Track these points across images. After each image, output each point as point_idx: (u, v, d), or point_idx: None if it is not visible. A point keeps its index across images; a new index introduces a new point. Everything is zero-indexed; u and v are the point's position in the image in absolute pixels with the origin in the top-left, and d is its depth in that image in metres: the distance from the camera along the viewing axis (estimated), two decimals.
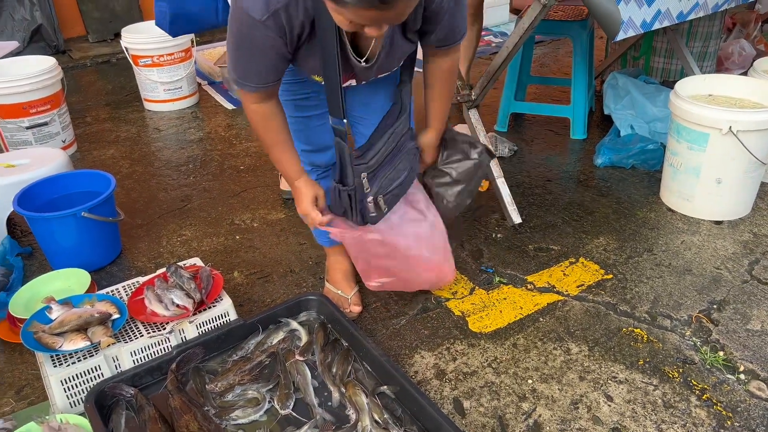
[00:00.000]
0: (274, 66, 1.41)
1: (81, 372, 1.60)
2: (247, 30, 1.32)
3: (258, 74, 1.42)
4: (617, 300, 1.98)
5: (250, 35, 1.33)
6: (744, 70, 3.36)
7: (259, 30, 1.30)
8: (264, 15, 1.28)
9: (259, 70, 1.41)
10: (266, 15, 1.28)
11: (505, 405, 1.63)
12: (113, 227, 2.27)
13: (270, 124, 1.55)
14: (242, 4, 1.29)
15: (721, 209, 2.35)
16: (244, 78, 1.43)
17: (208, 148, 3.17)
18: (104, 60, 4.62)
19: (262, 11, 1.27)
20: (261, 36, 1.32)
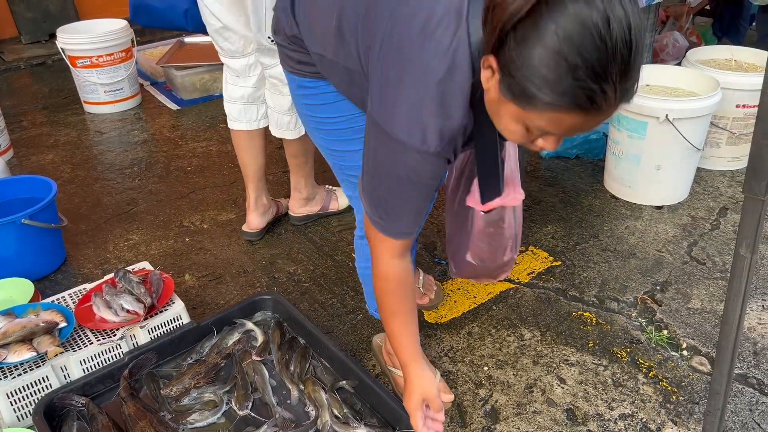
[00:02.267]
0: (429, 201, 1.18)
1: (28, 384, 1.55)
2: (414, 165, 1.07)
3: (417, 214, 1.17)
4: (566, 286, 2.03)
5: (417, 171, 1.08)
6: (678, 60, 3.50)
7: (430, 163, 1.07)
8: (439, 146, 1.04)
9: (420, 209, 1.17)
10: (443, 144, 1.04)
11: (463, 393, 1.65)
12: (56, 234, 2.19)
13: (403, 288, 1.28)
14: (403, 137, 1.04)
15: (661, 195, 2.45)
16: (396, 222, 1.17)
17: (153, 150, 3.10)
18: (39, 62, 4.45)
19: (437, 141, 1.03)
20: (432, 169, 1.08)
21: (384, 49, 1.05)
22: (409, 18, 1.01)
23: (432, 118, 1.02)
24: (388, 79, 1.05)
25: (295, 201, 2.38)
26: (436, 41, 0.98)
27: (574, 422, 1.56)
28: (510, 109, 0.93)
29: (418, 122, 1.03)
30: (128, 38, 3.54)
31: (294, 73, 1.35)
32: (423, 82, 1.00)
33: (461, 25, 0.97)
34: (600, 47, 0.82)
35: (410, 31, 1.01)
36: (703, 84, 2.44)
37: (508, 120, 0.96)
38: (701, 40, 3.79)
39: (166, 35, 4.67)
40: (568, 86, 0.84)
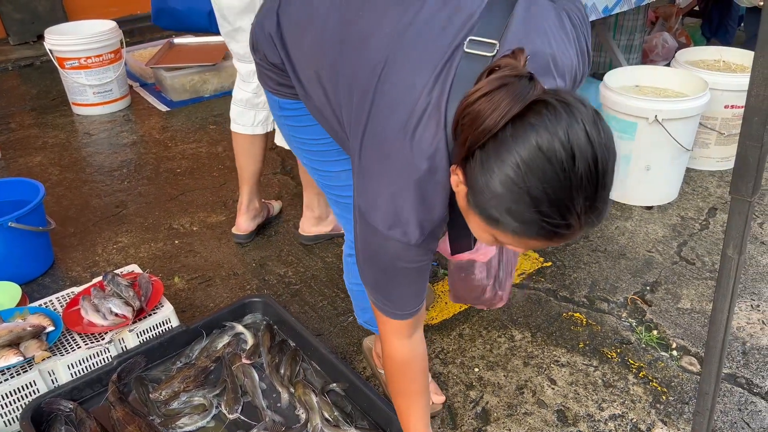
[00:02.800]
0: (424, 281, 1.16)
1: (15, 389, 1.53)
2: (396, 255, 1.07)
3: (417, 294, 1.16)
4: (557, 286, 2.04)
5: (402, 257, 1.07)
6: (667, 61, 3.52)
7: (412, 253, 1.06)
8: (420, 238, 1.04)
9: (418, 289, 1.16)
10: (423, 237, 1.04)
11: (454, 394, 1.65)
12: (44, 237, 2.18)
13: (412, 369, 1.25)
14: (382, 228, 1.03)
15: (651, 195, 2.45)
16: (396, 306, 1.16)
17: (142, 152, 3.08)
18: (27, 63, 4.41)
19: (418, 234, 1.03)
20: (417, 254, 1.07)
21: (365, 143, 1.04)
22: (389, 112, 1.00)
23: (413, 214, 1.01)
24: (369, 171, 1.04)
25: (306, 220, 2.27)
26: (417, 141, 0.97)
27: (565, 423, 1.56)
28: (477, 219, 0.92)
29: (398, 217, 1.02)
30: (117, 39, 3.51)
31: (274, 93, 1.31)
32: (404, 179, 1.00)
33: (440, 126, 0.95)
34: (564, 183, 0.81)
35: (391, 127, 1.00)
36: (692, 85, 2.45)
37: (475, 227, 0.96)
38: (690, 41, 3.82)
39: (156, 36, 4.66)
40: (530, 218, 0.84)
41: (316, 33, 1.12)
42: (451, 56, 0.97)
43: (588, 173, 0.81)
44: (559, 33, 1.04)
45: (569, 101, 0.83)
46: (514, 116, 0.82)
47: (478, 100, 0.84)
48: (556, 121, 0.81)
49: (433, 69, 0.97)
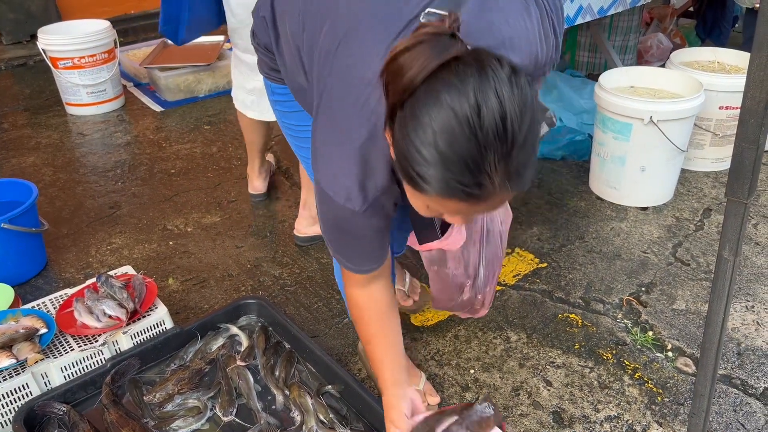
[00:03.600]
0: (380, 245, 1.19)
1: (7, 391, 1.52)
2: (345, 219, 1.11)
3: (369, 255, 1.19)
4: (552, 287, 2.03)
5: (349, 223, 1.11)
6: (662, 62, 3.52)
7: (359, 219, 1.09)
8: (363, 206, 1.06)
9: (370, 252, 1.19)
10: (367, 205, 1.07)
11: (449, 396, 1.65)
12: (37, 238, 2.16)
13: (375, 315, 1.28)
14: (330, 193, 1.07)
15: (646, 196, 2.46)
16: (352, 262, 1.21)
17: (136, 152, 3.06)
18: (20, 63, 4.39)
19: (361, 201, 1.06)
20: (363, 224, 1.11)
21: (320, 110, 1.06)
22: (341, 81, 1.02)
23: (355, 180, 1.03)
24: (322, 138, 1.07)
25: (302, 220, 2.26)
26: (362, 108, 0.99)
27: (561, 424, 1.56)
28: (405, 185, 0.92)
29: (342, 182, 1.05)
30: (111, 39, 3.50)
31: (267, 77, 1.37)
32: (348, 145, 1.02)
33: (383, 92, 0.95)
34: (471, 140, 0.80)
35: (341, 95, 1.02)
36: (687, 85, 2.45)
37: (409, 195, 0.96)
38: (685, 42, 3.82)
39: (150, 36, 4.63)
40: (443, 178, 0.83)
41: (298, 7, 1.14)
42: (407, 26, 0.98)
43: (495, 130, 0.80)
44: (521, 14, 1.04)
45: (483, 58, 0.82)
46: (430, 74, 0.82)
47: (399, 55, 0.84)
48: (466, 78, 0.80)
49: (388, 38, 0.98)
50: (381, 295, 1.27)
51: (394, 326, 1.32)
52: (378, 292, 1.26)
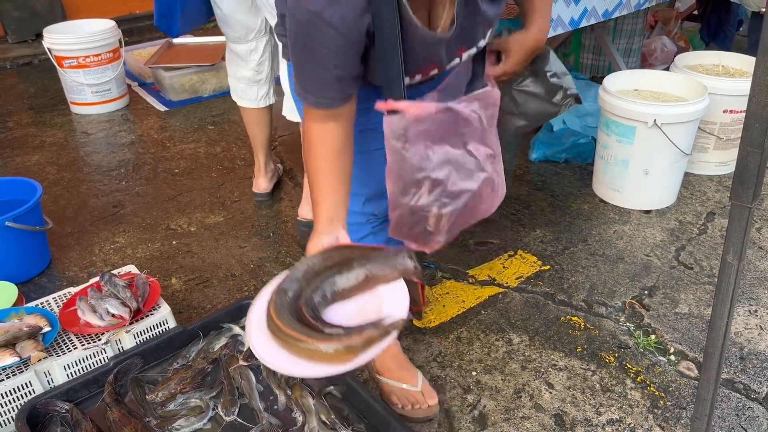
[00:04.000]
0: (340, 76, 1.15)
1: (10, 389, 1.52)
2: (305, 27, 1.08)
3: (322, 83, 1.16)
4: (555, 290, 2.03)
5: (308, 33, 1.08)
6: (666, 65, 3.52)
7: (317, 26, 1.06)
8: (322, 4, 1.04)
9: (323, 78, 1.15)
10: (325, 4, 1.04)
11: (451, 398, 1.65)
12: (41, 237, 2.17)
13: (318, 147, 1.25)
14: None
15: (649, 199, 2.45)
16: (306, 89, 1.18)
17: (140, 152, 3.07)
18: (25, 62, 4.40)
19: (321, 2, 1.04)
20: (321, 34, 1.07)
21: None
22: None
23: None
24: None
25: (307, 205, 2.28)
26: None
27: (562, 428, 1.56)
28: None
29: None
30: (116, 38, 3.51)
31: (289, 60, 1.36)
32: None
33: None
34: None
35: None
36: (691, 89, 2.45)
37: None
38: (689, 45, 3.82)
39: (155, 36, 4.64)
40: None
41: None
42: None
43: None
44: None
45: None
46: None
47: None
48: None
49: None
50: (337, 133, 1.24)
51: (343, 166, 1.27)
52: (334, 130, 1.23)
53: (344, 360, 1.03)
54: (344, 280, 1.12)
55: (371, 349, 1.04)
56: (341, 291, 1.13)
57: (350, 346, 1.03)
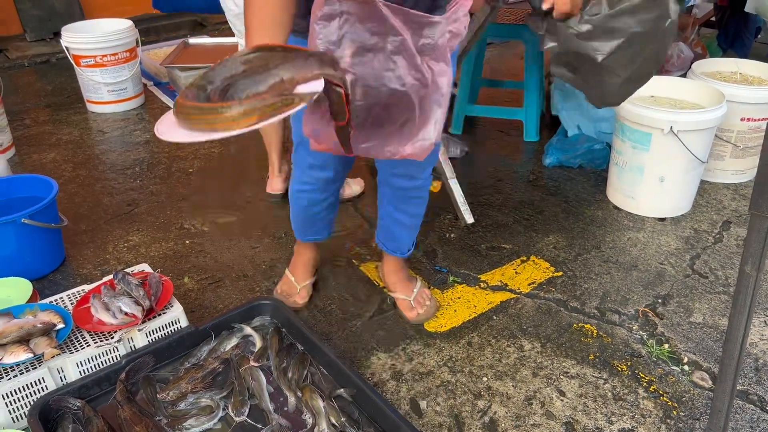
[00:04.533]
0: None
1: (24, 385, 1.53)
2: None
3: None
4: (567, 297, 2.02)
5: None
6: (683, 72, 3.49)
7: None
8: None
9: None
10: None
11: (461, 404, 1.64)
12: (56, 234, 2.18)
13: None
14: None
15: (664, 206, 2.43)
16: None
17: (155, 151, 3.09)
18: (43, 60, 4.44)
19: None
20: None
21: None
22: None
23: None
24: None
25: (274, 179, 2.54)
26: None
27: None
28: None
29: None
30: (133, 38, 3.53)
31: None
32: None
33: None
34: None
35: None
36: (708, 96, 2.43)
37: None
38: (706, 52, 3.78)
39: (171, 36, 4.68)
40: None
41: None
42: None
43: None
44: None
45: None
46: None
47: None
48: None
49: None
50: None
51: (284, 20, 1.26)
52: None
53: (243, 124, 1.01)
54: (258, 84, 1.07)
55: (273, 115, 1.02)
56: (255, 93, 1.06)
57: (251, 107, 1.01)
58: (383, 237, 1.92)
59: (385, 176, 1.76)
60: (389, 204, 1.82)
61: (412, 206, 1.81)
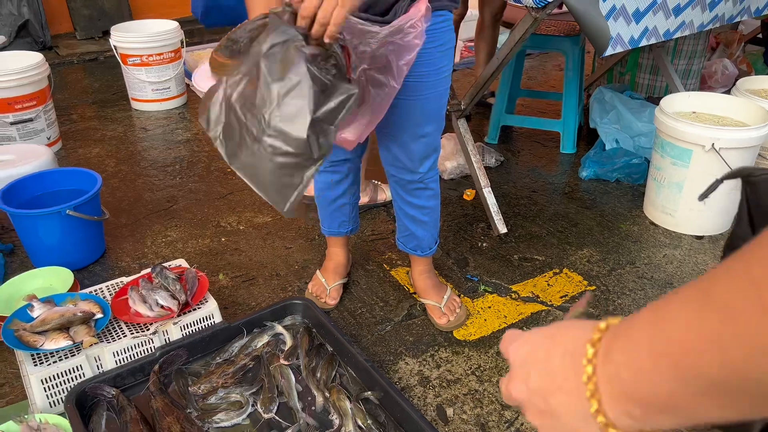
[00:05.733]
0: None
1: (62, 371, 1.58)
2: None
3: None
4: (600, 311, 2.00)
5: None
6: (726, 88, 3.43)
7: None
8: None
9: None
10: None
11: (488, 413, 1.64)
12: (98, 226, 2.25)
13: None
14: None
15: (703, 224, 2.39)
16: None
17: (195, 150, 3.16)
18: (91, 58, 4.58)
19: None
20: None
21: None
22: None
23: None
24: None
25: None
26: None
27: None
28: None
29: None
30: (178, 39, 3.62)
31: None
32: None
33: None
34: None
35: None
36: (753, 114, 2.38)
37: None
38: (752, 69, 3.71)
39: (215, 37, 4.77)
40: None
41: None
42: None
43: None
44: None
45: None
46: None
47: None
48: None
49: None
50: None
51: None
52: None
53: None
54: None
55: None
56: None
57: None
58: (402, 237, 1.92)
59: (386, 167, 1.78)
60: (398, 198, 1.83)
61: (418, 198, 1.79)
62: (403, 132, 1.64)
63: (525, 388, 0.52)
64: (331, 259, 2.06)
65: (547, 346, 0.52)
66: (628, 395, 0.43)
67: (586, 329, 0.49)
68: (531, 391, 0.51)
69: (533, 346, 0.53)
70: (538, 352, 0.52)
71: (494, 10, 3.23)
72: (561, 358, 0.49)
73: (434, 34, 1.50)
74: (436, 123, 1.68)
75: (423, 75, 1.55)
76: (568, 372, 0.48)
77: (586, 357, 0.47)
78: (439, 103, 1.65)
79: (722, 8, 2.39)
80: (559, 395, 0.49)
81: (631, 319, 0.45)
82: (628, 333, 0.44)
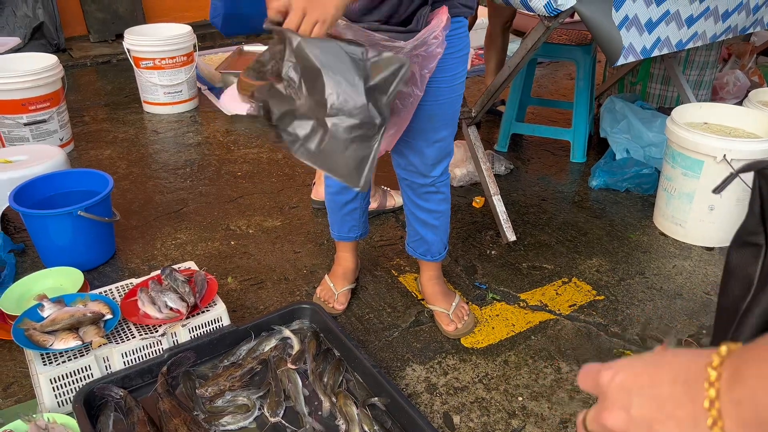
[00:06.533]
0: None
1: (71, 371, 1.59)
2: None
3: None
4: (608, 321, 1.99)
5: None
6: (738, 99, 3.41)
7: None
8: None
9: None
10: None
11: (495, 421, 1.63)
12: (108, 227, 2.26)
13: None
14: None
15: (713, 236, 2.38)
16: None
17: (206, 153, 3.17)
18: (105, 60, 4.62)
19: None
20: None
21: None
22: None
23: None
24: None
25: (320, 187, 2.55)
26: None
27: None
28: None
29: None
30: (191, 43, 3.65)
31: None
32: None
33: None
34: None
35: None
36: (765, 125, 2.37)
37: None
38: (764, 81, 3.70)
39: (227, 42, 4.80)
40: None
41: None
42: None
43: None
44: None
45: None
46: None
47: None
48: None
49: None
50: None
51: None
52: None
53: None
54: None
55: None
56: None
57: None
58: (412, 241, 1.92)
59: (398, 171, 1.78)
60: (409, 202, 1.83)
61: (429, 202, 1.79)
62: (418, 137, 1.65)
63: (625, 416, 0.49)
64: (340, 264, 2.06)
65: (651, 372, 0.49)
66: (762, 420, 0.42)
67: (701, 355, 0.48)
68: (633, 419, 0.49)
69: (634, 372, 0.51)
70: (640, 379, 0.50)
71: (504, 18, 3.23)
72: (671, 384, 0.47)
73: (451, 40, 1.51)
74: (451, 128, 1.69)
75: (440, 81, 1.56)
76: (680, 398, 0.46)
77: (708, 380, 0.45)
78: (454, 108, 1.66)
79: (735, 19, 2.39)
80: (669, 423, 0.46)
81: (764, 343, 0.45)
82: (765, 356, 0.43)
